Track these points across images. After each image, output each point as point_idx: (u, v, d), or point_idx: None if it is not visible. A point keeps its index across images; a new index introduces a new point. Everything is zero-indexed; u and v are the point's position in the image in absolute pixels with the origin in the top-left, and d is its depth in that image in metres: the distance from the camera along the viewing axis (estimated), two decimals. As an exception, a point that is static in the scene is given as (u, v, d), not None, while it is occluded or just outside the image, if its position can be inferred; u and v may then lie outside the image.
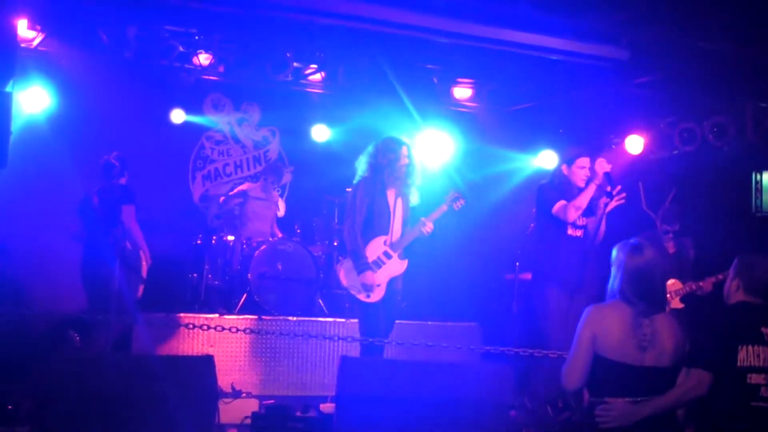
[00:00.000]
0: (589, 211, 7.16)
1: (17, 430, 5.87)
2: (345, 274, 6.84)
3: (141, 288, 7.95)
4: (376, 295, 6.78)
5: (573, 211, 7.02)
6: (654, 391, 4.11)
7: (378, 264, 6.81)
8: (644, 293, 4.17)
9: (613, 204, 6.90)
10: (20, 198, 8.44)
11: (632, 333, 4.11)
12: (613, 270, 4.32)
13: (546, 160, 9.66)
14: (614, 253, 4.35)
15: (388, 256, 6.84)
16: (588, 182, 7.02)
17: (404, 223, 6.93)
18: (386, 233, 6.87)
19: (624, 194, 6.91)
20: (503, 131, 10.20)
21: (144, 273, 7.97)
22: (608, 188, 6.85)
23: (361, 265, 6.75)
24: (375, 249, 6.83)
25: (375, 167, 6.89)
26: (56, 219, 8.07)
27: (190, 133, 10.42)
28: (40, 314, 7.64)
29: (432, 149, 9.54)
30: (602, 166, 6.94)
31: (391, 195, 6.91)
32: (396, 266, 6.87)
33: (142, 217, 7.96)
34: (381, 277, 6.80)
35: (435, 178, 8.05)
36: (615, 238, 4.67)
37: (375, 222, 6.85)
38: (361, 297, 6.77)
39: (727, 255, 4.73)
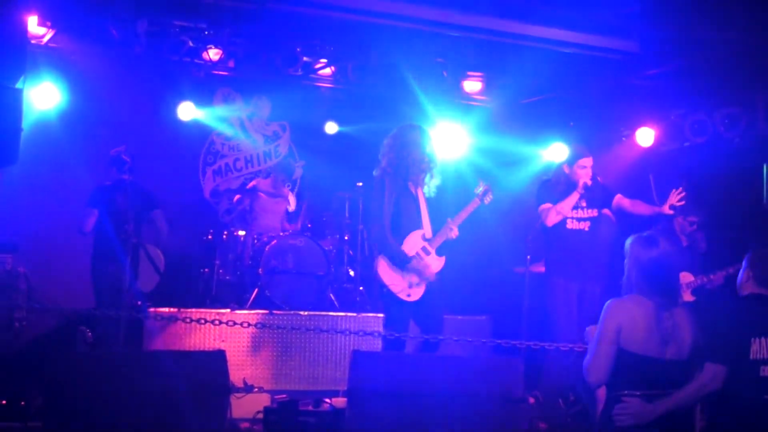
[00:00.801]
0: (592, 203, 7.41)
1: (29, 426, 5.90)
2: (384, 270, 6.44)
3: (156, 281, 7.98)
4: (416, 294, 6.45)
5: (554, 215, 7.31)
6: (673, 385, 4.11)
7: (418, 260, 6.48)
8: (661, 286, 4.17)
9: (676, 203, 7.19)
10: (31, 194, 8.45)
11: (656, 326, 4.10)
12: (628, 263, 4.30)
13: (556, 153, 9.62)
14: (627, 246, 4.33)
15: (427, 252, 6.51)
16: (572, 190, 7.26)
17: (431, 217, 6.61)
18: (420, 227, 6.56)
19: (684, 193, 7.14)
20: (513, 124, 10.15)
21: (162, 266, 8.01)
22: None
23: (402, 260, 6.39)
24: (413, 244, 6.49)
25: (398, 158, 6.53)
26: (67, 215, 8.09)
27: (201, 128, 10.40)
28: (51, 310, 7.67)
29: (443, 143, 9.51)
30: (586, 175, 7.27)
31: (412, 188, 6.59)
32: (435, 263, 6.53)
33: (152, 212, 8.09)
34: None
35: (445, 171, 8.01)
36: (624, 231, 4.65)
37: (404, 216, 6.50)
38: (402, 296, 6.41)
39: (739, 247, 4.72)
